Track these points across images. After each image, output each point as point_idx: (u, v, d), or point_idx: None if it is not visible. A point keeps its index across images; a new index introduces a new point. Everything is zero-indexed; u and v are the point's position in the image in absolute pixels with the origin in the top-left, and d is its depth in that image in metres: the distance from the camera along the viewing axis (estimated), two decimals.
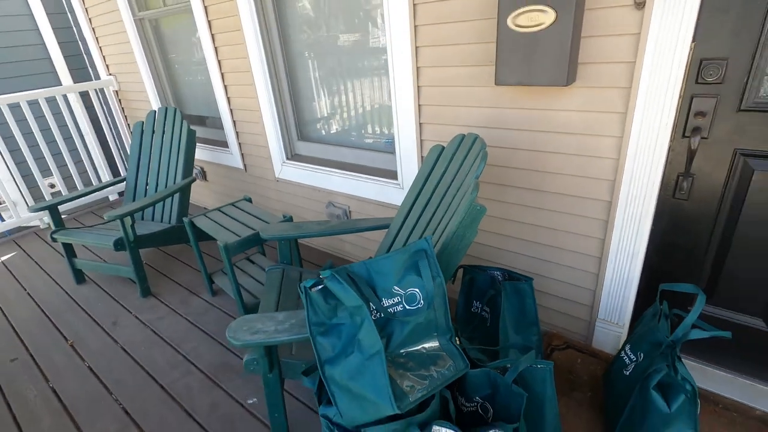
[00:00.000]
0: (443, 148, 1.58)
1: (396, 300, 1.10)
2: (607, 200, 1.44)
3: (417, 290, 1.10)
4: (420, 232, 1.53)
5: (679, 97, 1.24)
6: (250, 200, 2.33)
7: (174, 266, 2.65)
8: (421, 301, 1.10)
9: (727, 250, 1.37)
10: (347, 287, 1.05)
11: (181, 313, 2.19)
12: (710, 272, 1.43)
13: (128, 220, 2.16)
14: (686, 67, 1.20)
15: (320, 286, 1.10)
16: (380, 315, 1.09)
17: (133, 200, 2.79)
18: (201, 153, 3.16)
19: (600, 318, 1.63)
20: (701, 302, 1.12)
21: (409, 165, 1.94)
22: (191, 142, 2.61)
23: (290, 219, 2.02)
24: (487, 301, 1.55)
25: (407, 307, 1.10)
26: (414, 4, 1.61)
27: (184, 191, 2.56)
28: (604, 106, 1.33)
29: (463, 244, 1.26)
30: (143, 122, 2.78)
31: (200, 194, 3.51)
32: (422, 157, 1.88)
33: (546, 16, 1.24)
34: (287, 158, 2.55)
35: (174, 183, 2.63)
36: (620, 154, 1.36)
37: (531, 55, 1.31)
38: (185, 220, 2.12)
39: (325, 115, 2.38)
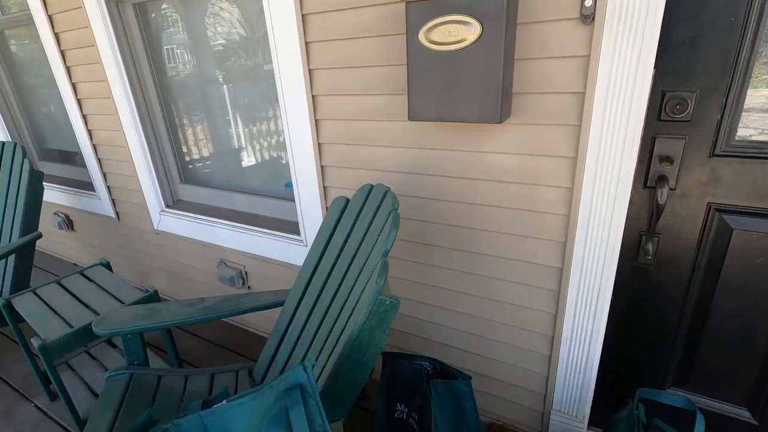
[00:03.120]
0: (347, 201, 1.18)
1: None
2: (557, 266, 1.12)
3: None
4: (319, 318, 1.11)
5: (641, 137, 0.95)
6: (107, 265, 1.76)
7: (7, 354, 1.96)
8: None
9: (702, 325, 1.09)
10: None
11: None
12: (684, 351, 1.15)
13: None
14: (648, 100, 0.91)
15: None
16: None
17: None
18: (64, 197, 2.51)
19: (555, 409, 1.29)
20: (701, 426, 0.80)
21: (311, 217, 1.52)
22: (36, 186, 1.99)
23: (154, 294, 1.50)
24: (417, 409, 1.15)
25: None
26: (303, 15, 1.23)
27: (23, 252, 1.92)
28: (548, 149, 1.02)
29: (369, 354, 0.85)
30: None
31: (66, 247, 2.81)
32: (326, 207, 1.47)
33: (468, 30, 0.90)
34: (167, 205, 2.02)
35: (9, 241, 1.97)
36: (571, 210, 1.04)
37: (452, 83, 0.97)
38: (0, 300, 1.51)
39: (213, 153, 1.91)
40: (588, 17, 0.89)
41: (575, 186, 1.02)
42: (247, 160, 1.81)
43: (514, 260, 1.17)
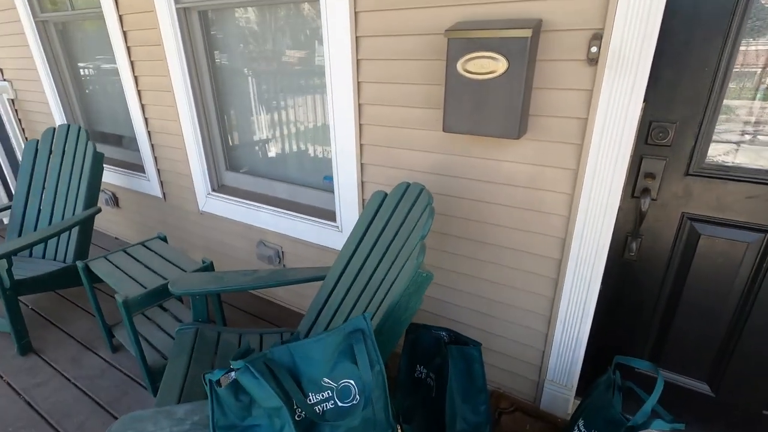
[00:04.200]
0: (386, 195, 1.42)
1: (326, 395, 0.90)
2: (556, 258, 1.36)
3: (352, 382, 0.91)
4: (358, 291, 1.35)
5: (630, 157, 1.18)
6: (164, 239, 2.02)
7: (69, 313, 2.23)
8: (357, 396, 0.91)
9: (674, 312, 1.33)
10: (263, 383, 0.84)
11: (70, 376, 1.81)
12: (657, 333, 1.39)
13: (2, 264, 1.76)
14: (637, 127, 1.15)
15: (231, 379, 0.87)
16: (305, 415, 0.88)
17: (20, 233, 2.34)
18: (113, 176, 2.77)
19: (548, 379, 1.53)
20: (660, 386, 1.04)
21: (348, 207, 1.76)
22: (97, 167, 2.24)
23: (210, 266, 1.75)
24: (435, 369, 1.40)
25: (339, 403, 0.91)
26: (357, 37, 1.46)
27: (85, 225, 2.18)
28: (555, 161, 1.26)
29: (406, 315, 1.10)
30: (38, 140, 2.36)
31: (111, 222, 3.07)
32: (363, 200, 1.72)
33: (497, 64, 1.14)
34: (213, 189, 2.27)
35: (73, 214, 2.24)
36: (571, 211, 1.28)
37: (481, 104, 1.20)
38: (79, 264, 1.77)
39: (259, 145, 2.16)
40: (593, 60, 1.12)
41: (575, 193, 1.25)
42: (291, 152, 2.05)
43: (521, 251, 1.41)
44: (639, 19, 1.03)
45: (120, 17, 2.15)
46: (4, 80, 3.13)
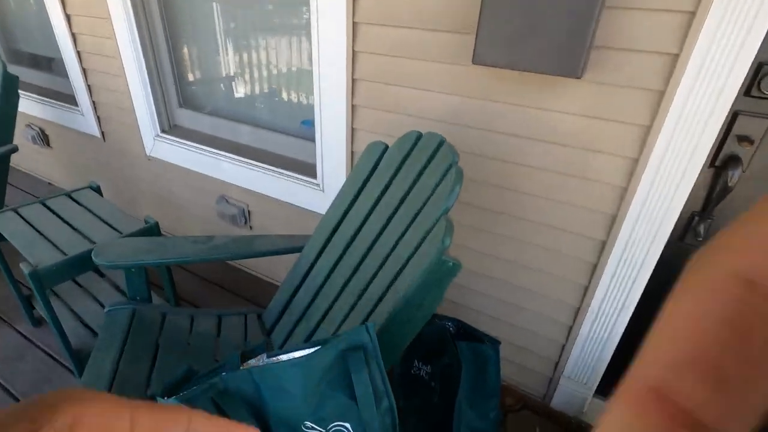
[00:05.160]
0: (386, 147, 1.08)
1: None
2: (600, 239, 1.08)
3: (348, 427, 0.61)
4: (348, 271, 1.04)
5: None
6: (97, 189, 1.61)
7: None
8: None
9: None
10: None
11: None
12: None
13: None
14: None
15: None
16: None
17: None
18: (40, 108, 2.26)
19: (565, 375, 1.30)
20: None
21: (333, 161, 1.40)
22: (10, 92, 1.76)
23: (154, 227, 1.38)
24: (439, 369, 1.13)
25: None
26: None
27: None
28: (621, 113, 0.94)
29: (419, 316, 0.80)
30: None
31: (40, 163, 2.58)
32: (353, 153, 1.36)
33: None
34: (163, 130, 1.84)
35: None
36: (630, 182, 0.98)
37: (533, 26, 0.85)
38: None
39: (219, 75, 1.72)
40: None
41: (642, 158, 0.95)
42: (259, 89, 1.64)
43: (556, 228, 1.11)
44: None
45: None
46: None
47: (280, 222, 1.68)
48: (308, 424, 0.59)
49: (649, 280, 1.10)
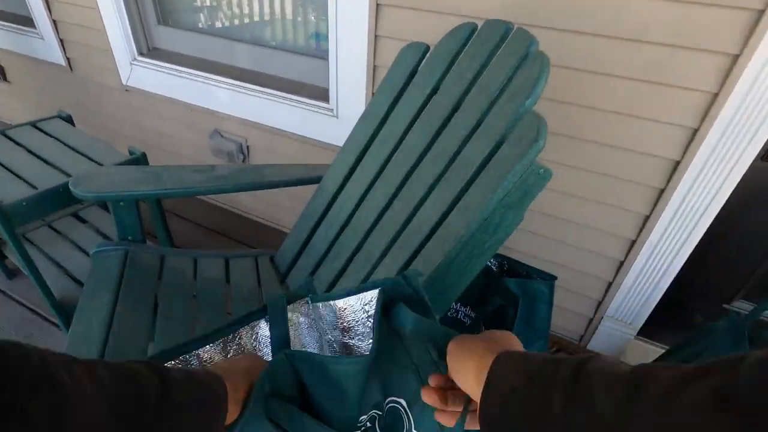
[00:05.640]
0: (427, 48, 0.88)
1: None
2: (673, 159, 0.93)
3: (402, 404, 0.46)
4: (383, 201, 0.87)
5: None
6: (68, 119, 1.37)
7: None
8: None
9: None
10: None
11: None
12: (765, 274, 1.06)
13: None
14: None
15: None
16: None
17: None
18: None
19: (608, 315, 1.20)
20: None
21: (350, 80, 1.20)
22: None
23: (141, 158, 1.18)
24: (487, 311, 1.00)
25: None
26: None
27: None
28: None
29: (493, 241, 0.65)
30: None
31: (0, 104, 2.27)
32: (375, 66, 1.15)
33: None
34: (140, 53, 1.58)
35: None
36: (723, 87, 0.83)
37: None
38: None
39: None
40: None
41: (745, 52, 0.78)
42: None
43: (623, 149, 0.96)
44: None
45: None
46: None
47: (285, 158, 1.49)
48: (363, 419, 0.45)
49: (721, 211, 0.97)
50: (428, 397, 0.40)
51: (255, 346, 0.56)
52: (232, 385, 0.39)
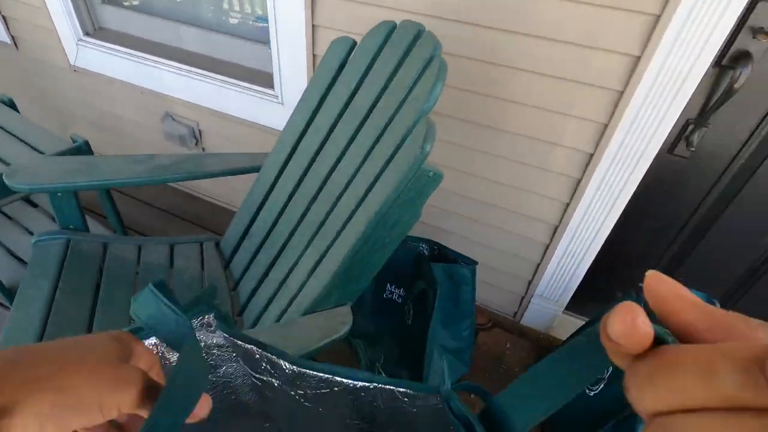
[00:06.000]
0: (354, 44, 0.91)
1: None
2: (588, 151, 1.00)
3: None
4: (312, 190, 0.92)
5: None
6: (10, 103, 1.36)
7: None
8: None
9: (707, 230, 1.07)
10: None
11: None
12: (677, 253, 1.15)
13: None
14: None
15: None
16: None
17: None
18: None
19: (538, 294, 1.29)
20: None
21: (292, 67, 1.22)
22: None
23: (83, 146, 1.19)
24: (414, 292, 1.07)
25: None
26: None
27: None
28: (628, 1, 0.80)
29: (393, 236, 0.70)
30: None
31: None
32: (315, 56, 1.17)
33: None
34: (86, 33, 1.55)
35: None
36: (629, 85, 0.88)
37: None
38: None
39: None
40: None
41: (645, 55, 0.83)
42: None
43: (542, 141, 1.02)
44: None
45: None
46: None
47: (236, 142, 1.51)
48: None
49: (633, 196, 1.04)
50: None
51: None
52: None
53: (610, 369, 0.91)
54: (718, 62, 0.87)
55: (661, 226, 1.13)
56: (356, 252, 0.69)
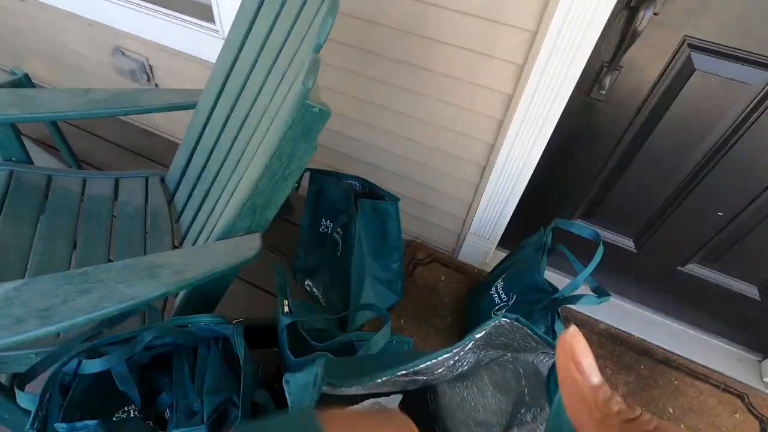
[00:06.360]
0: None
1: None
2: (507, 92, 1.03)
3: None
4: (239, 122, 0.96)
5: None
6: None
7: None
8: None
9: (625, 167, 1.13)
10: None
11: None
12: (598, 190, 1.22)
13: None
14: None
15: None
16: None
17: None
18: None
19: (472, 231, 1.38)
20: (598, 257, 0.88)
21: (230, 1, 1.20)
22: None
23: (23, 79, 1.20)
24: (342, 225, 1.15)
25: None
26: None
27: None
28: None
29: (291, 169, 0.76)
30: None
31: None
32: None
33: None
34: None
35: None
36: (540, 27, 0.90)
37: None
38: None
39: None
40: None
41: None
42: None
43: (466, 82, 1.05)
44: None
45: None
46: None
47: (187, 78, 1.51)
48: None
49: (552, 136, 1.09)
50: None
51: None
52: None
53: (514, 296, 0.99)
54: (627, 4, 0.88)
55: (582, 167, 1.18)
56: (259, 183, 0.75)
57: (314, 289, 1.27)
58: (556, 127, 1.05)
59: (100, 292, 0.66)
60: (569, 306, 1.36)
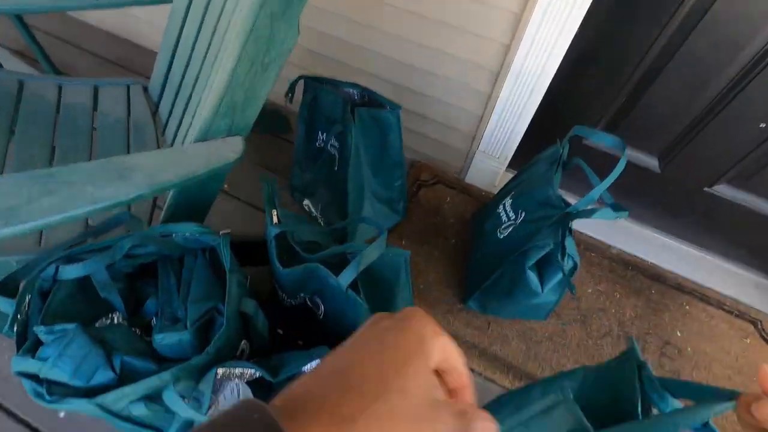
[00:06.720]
0: None
1: None
2: None
3: None
4: (211, 28, 0.84)
5: None
6: None
7: None
8: None
9: (653, 79, 1.00)
10: None
11: None
12: (623, 104, 1.09)
13: None
14: None
15: None
16: None
17: None
18: None
19: (480, 150, 1.28)
20: (620, 168, 0.78)
21: None
22: None
23: None
24: (337, 137, 1.06)
25: None
26: None
27: None
28: None
29: (272, 56, 0.66)
30: None
31: None
32: None
33: None
34: None
35: None
36: None
37: None
38: None
39: None
40: None
41: None
42: None
43: None
44: None
45: None
46: None
47: None
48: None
49: (577, 36, 0.95)
50: None
51: None
52: None
53: (523, 214, 0.92)
54: None
55: (607, 75, 1.05)
56: (235, 74, 0.66)
57: (312, 209, 1.22)
58: (580, 25, 0.90)
59: (66, 192, 0.60)
60: (580, 232, 1.30)
